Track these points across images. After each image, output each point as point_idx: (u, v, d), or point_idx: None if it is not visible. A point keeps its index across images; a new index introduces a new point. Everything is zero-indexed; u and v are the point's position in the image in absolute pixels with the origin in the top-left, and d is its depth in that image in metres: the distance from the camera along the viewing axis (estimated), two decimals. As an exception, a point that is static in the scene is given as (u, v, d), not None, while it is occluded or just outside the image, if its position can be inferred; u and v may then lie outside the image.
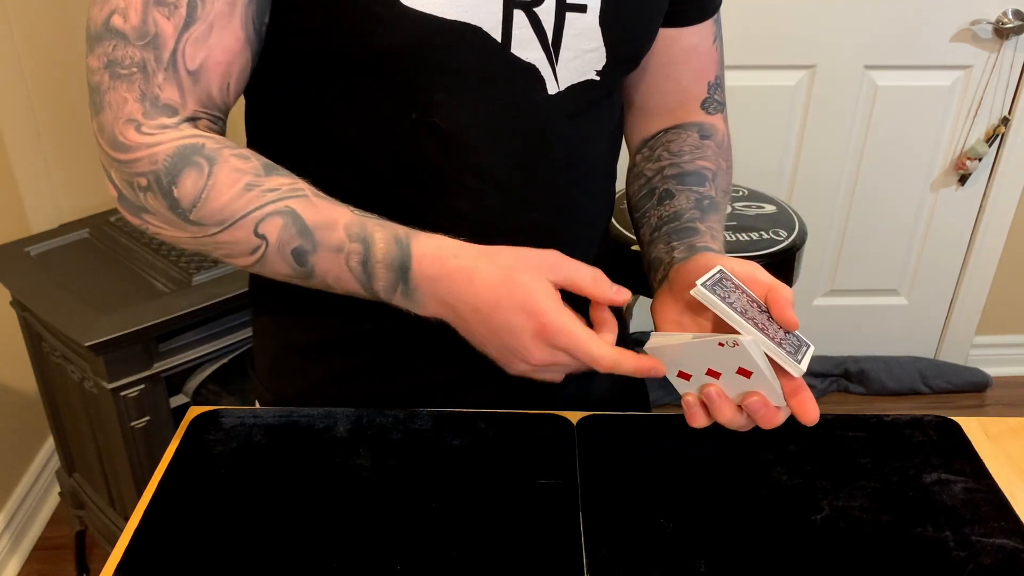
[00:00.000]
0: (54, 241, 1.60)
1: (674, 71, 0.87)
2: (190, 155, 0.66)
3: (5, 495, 1.82)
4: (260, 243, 0.67)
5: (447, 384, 0.83)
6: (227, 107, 0.72)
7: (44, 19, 1.77)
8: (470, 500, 0.71)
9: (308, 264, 0.68)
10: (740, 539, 0.68)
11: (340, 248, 0.67)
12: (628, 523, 0.70)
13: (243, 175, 0.67)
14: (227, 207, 0.66)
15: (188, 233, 0.68)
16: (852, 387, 2.40)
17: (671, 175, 0.85)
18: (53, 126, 1.86)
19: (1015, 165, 2.19)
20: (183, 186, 0.66)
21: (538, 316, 0.65)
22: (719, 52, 0.89)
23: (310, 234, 0.67)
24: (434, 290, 0.67)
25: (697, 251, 0.75)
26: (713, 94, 0.90)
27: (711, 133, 0.88)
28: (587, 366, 0.66)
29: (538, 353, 0.66)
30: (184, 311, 1.41)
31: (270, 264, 0.68)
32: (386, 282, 0.68)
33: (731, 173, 0.90)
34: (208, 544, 0.67)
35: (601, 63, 0.76)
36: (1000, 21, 2.00)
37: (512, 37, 0.71)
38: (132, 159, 0.66)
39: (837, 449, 0.78)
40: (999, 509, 0.72)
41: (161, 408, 1.46)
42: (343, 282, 0.69)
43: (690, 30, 0.85)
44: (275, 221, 0.66)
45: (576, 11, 0.72)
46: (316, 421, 0.79)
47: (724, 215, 0.84)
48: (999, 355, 2.46)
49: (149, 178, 0.66)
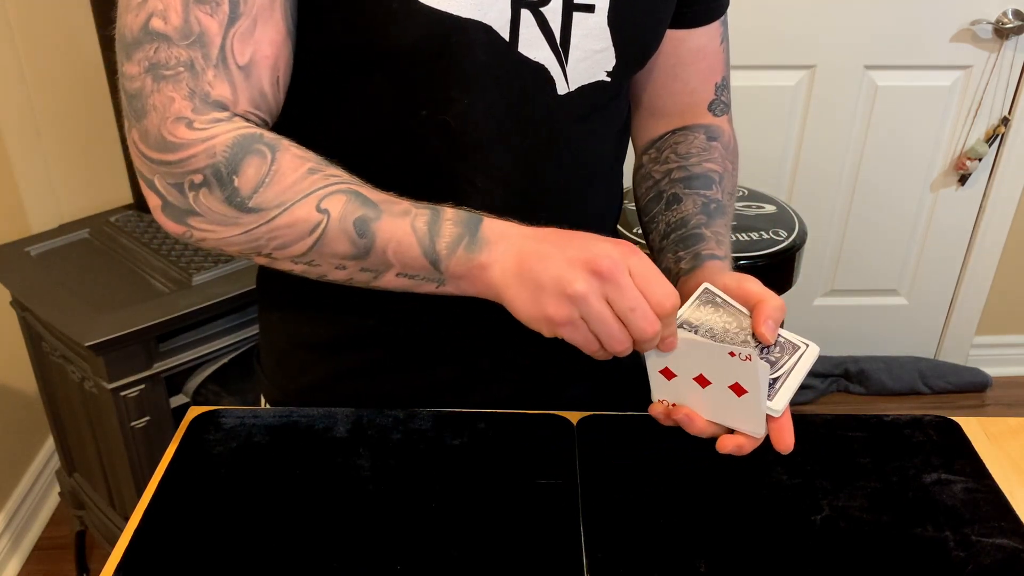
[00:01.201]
0: (54, 241, 1.60)
1: (682, 72, 0.87)
2: (251, 144, 0.65)
3: (5, 495, 1.82)
4: (321, 219, 0.65)
5: (451, 383, 0.84)
6: (277, 106, 0.70)
7: (44, 19, 1.77)
8: (470, 500, 0.71)
9: (370, 232, 0.65)
10: (740, 539, 0.68)
11: (407, 212, 0.66)
12: (628, 523, 0.70)
13: (306, 161, 0.66)
14: (290, 188, 0.65)
15: (241, 227, 0.65)
16: (852, 387, 2.40)
17: (678, 178, 0.85)
18: (53, 126, 1.86)
19: (1015, 165, 2.19)
20: (245, 174, 0.64)
21: (612, 239, 0.65)
22: (726, 54, 0.89)
23: (374, 205, 0.66)
24: (505, 232, 0.66)
25: (703, 260, 0.75)
26: (720, 95, 0.89)
27: (718, 135, 0.88)
28: (624, 332, 0.64)
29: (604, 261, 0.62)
30: (184, 311, 1.41)
31: (328, 242, 0.66)
32: (451, 237, 0.66)
33: (737, 175, 0.90)
34: (208, 544, 0.67)
35: (611, 64, 0.75)
36: (1000, 21, 2.00)
37: (519, 36, 0.71)
38: (185, 157, 0.64)
39: (837, 449, 0.78)
40: (999, 509, 0.72)
41: (161, 408, 1.46)
42: (403, 248, 0.66)
43: (698, 31, 0.85)
44: (339, 197, 0.65)
45: (583, 11, 0.72)
46: (316, 421, 0.79)
47: (731, 217, 0.85)
48: (999, 355, 2.46)
49: (206, 172, 0.64)
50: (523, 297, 0.65)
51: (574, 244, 0.64)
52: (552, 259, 0.64)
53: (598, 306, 0.62)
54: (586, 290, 0.62)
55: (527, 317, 0.65)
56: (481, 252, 0.66)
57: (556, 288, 0.63)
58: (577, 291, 0.62)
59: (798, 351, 0.66)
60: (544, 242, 0.65)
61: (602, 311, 0.62)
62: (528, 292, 0.64)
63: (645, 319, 0.62)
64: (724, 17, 0.88)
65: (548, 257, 0.64)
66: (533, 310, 0.64)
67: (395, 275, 0.68)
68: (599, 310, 0.62)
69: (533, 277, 0.64)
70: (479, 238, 0.66)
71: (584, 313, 0.63)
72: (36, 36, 1.77)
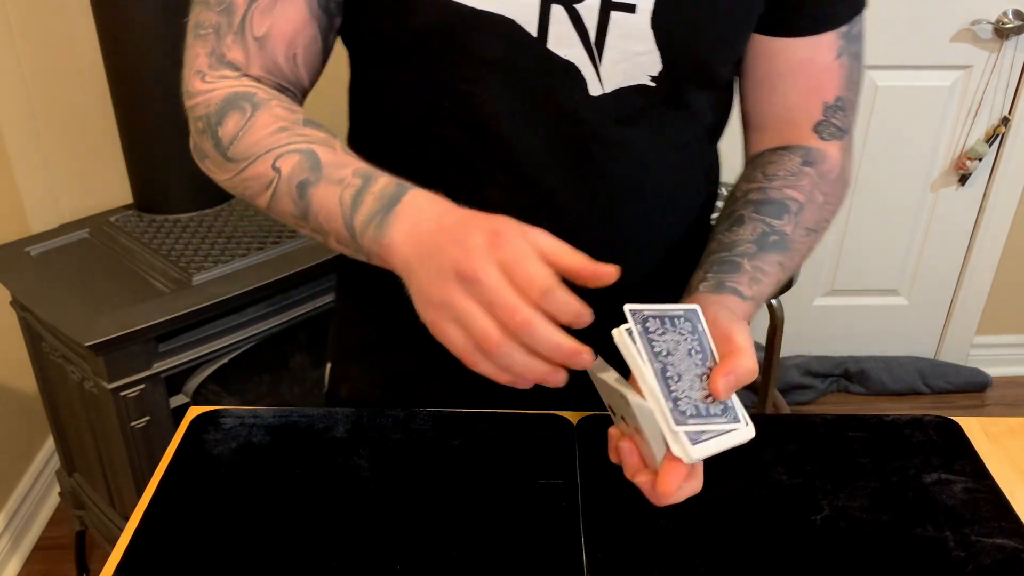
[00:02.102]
0: (54, 241, 1.60)
1: (780, 85, 0.80)
2: (238, 100, 0.70)
3: (5, 495, 1.81)
4: (274, 176, 0.67)
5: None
6: (298, 80, 0.75)
7: (44, 20, 1.77)
8: (470, 500, 0.71)
9: (306, 197, 0.66)
10: (740, 539, 0.68)
11: (341, 181, 0.65)
12: (628, 523, 0.70)
13: (280, 120, 0.69)
14: (256, 144, 0.68)
15: (227, 172, 0.71)
16: (852, 387, 2.40)
17: (753, 200, 0.78)
18: (53, 126, 1.86)
19: (1015, 165, 2.18)
20: (226, 126, 0.69)
21: (497, 227, 0.58)
22: (846, 70, 0.79)
23: (320, 169, 0.66)
24: (411, 218, 0.62)
25: (723, 290, 0.70)
26: (831, 117, 0.80)
27: (817, 160, 0.80)
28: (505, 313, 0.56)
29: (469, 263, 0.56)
30: (184, 311, 1.40)
31: (278, 201, 0.68)
32: (368, 213, 0.63)
33: (831, 208, 0.81)
34: (208, 544, 0.67)
35: (656, 68, 0.71)
36: (1000, 21, 2.00)
37: (548, 32, 0.69)
38: (193, 104, 0.72)
39: (837, 449, 0.78)
40: (999, 509, 0.72)
41: (161, 408, 1.46)
42: (330, 217, 0.65)
43: (800, 42, 0.77)
44: (293, 157, 0.67)
45: (623, 10, 0.69)
46: (316, 421, 0.79)
47: (797, 254, 0.77)
48: (999, 355, 2.46)
49: (203, 121, 0.71)
50: (414, 290, 0.60)
51: (455, 239, 0.58)
52: (433, 258, 0.59)
53: (462, 305, 0.57)
54: (449, 296, 0.57)
55: (419, 309, 0.60)
56: (387, 232, 0.62)
57: (427, 294, 0.59)
58: (442, 298, 0.58)
59: (736, 424, 0.59)
60: (440, 232, 0.59)
61: (466, 310, 0.57)
62: (415, 287, 0.60)
63: (507, 311, 0.55)
64: (846, 29, 0.77)
65: (432, 254, 0.59)
66: (419, 306, 0.60)
67: (334, 241, 0.67)
68: (463, 309, 0.57)
69: (420, 274, 0.60)
70: (390, 217, 0.62)
71: (453, 316, 0.58)
72: (36, 36, 1.77)
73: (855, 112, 0.82)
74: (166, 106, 1.54)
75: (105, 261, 1.55)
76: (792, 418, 0.83)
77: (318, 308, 1.60)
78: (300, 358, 1.68)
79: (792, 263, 0.77)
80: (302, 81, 0.75)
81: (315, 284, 1.59)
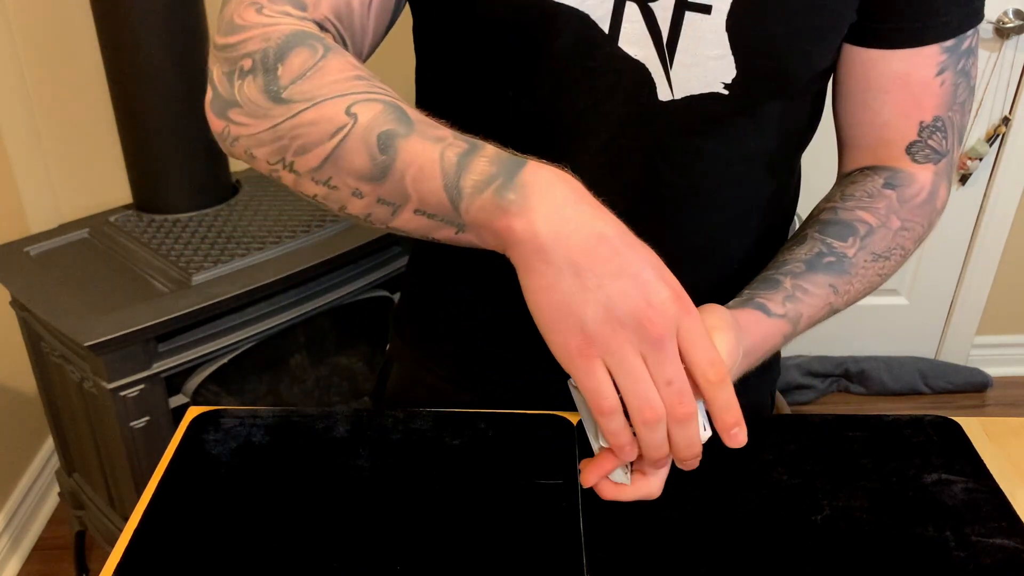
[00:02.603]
0: (54, 241, 1.60)
1: (873, 101, 0.74)
2: (308, 38, 0.59)
3: (5, 495, 1.81)
4: (347, 122, 0.56)
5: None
6: (363, 35, 0.66)
7: (44, 20, 1.77)
8: (470, 500, 0.71)
9: (392, 149, 0.55)
10: (740, 539, 0.68)
11: (441, 139, 0.55)
12: (628, 523, 0.70)
13: (357, 69, 0.59)
14: (327, 86, 0.57)
15: (270, 119, 0.58)
16: (852, 387, 2.40)
17: (822, 220, 0.74)
18: (53, 126, 1.86)
19: (1015, 165, 2.18)
20: (290, 63, 0.58)
21: (673, 284, 0.52)
22: (949, 88, 0.72)
23: (410, 123, 0.56)
24: (552, 188, 0.53)
25: (749, 305, 0.66)
26: (927, 138, 0.74)
27: (902, 184, 0.75)
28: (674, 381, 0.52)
29: (657, 325, 0.50)
30: (184, 311, 1.40)
31: (347, 153, 0.56)
32: (482, 175, 0.53)
33: (909, 235, 0.75)
34: (208, 544, 0.67)
35: (730, 75, 0.67)
36: (1000, 21, 2.00)
37: (621, 30, 0.66)
38: (242, 39, 0.60)
39: (837, 449, 0.77)
40: (999, 509, 0.71)
41: (161, 408, 1.46)
42: (424, 176, 0.54)
43: (898, 55, 0.71)
44: (374, 106, 0.56)
45: (698, 11, 0.65)
46: (315, 422, 0.79)
47: (856, 279, 0.72)
48: (999, 355, 2.46)
49: (255, 57, 0.59)
50: (552, 286, 0.51)
51: (632, 273, 0.51)
52: (596, 277, 0.51)
53: (632, 360, 0.51)
54: (619, 344, 0.51)
55: (545, 317, 0.52)
56: (512, 199, 0.52)
57: (580, 317, 0.51)
58: (608, 340, 0.51)
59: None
60: (604, 243, 0.51)
61: (635, 367, 0.51)
62: (562, 285, 0.51)
63: (679, 395, 0.52)
64: (953, 44, 0.71)
65: (596, 272, 0.51)
66: (556, 322, 0.52)
67: (412, 211, 0.56)
68: (632, 364, 0.51)
69: (569, 286, 0.51)
70: (515, 183, 0.52)
71: (615, 366, 0.51)
72: (36, 36, 1.77)
73: (957, 135, 0.76)
74: (166, 106, 1.54)
75: (105, 261, 1.55)
76: (792, 418, 0.83)
77: (319, 308, 1.60)
78: (300, 358, 1.68)
79: (852, 288, 0.72)
80: (366, 36, 0.67)
81: (315, 284, 1.59)
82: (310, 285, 1.58)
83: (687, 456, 0.55)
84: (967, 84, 0.74)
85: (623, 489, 0.62)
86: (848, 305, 0.74)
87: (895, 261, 0.75)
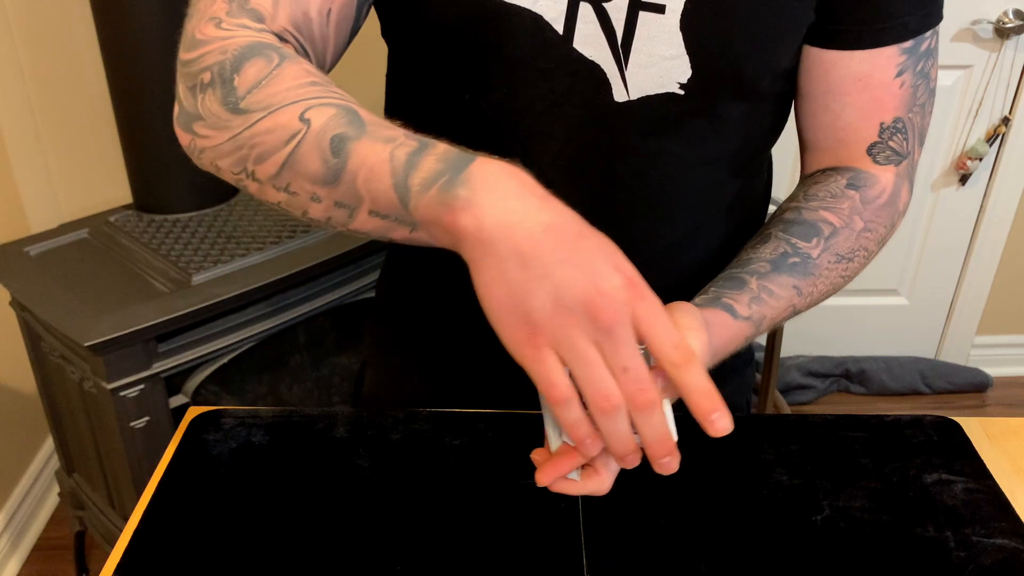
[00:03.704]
0: (54, 241, 1.60)
1: (833, 103, 0.74)
2: (264, 49, 0.60)
3: (5, 495, 1.81)
4: (301, 128, 0.56)
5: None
6: (324, 44, 0.66)
7: (44, 21, 1.77)
8: (470, 500, 0.71)
9: (344, 152, 0.55)
10: (740, 539, 0.68)
11: (391, 139, 0.55)
12: (628, 523, 0.70)
13: (312, 76, 0.59)
14: (281, 93, 0.58)
15: (230, 131, 0.59)
16: (852, 387, 2.40)
17: (785, 220, 0.74)
18: (53, 126, 1.86)
19: (1016, 165, 2.18)
20: (246, 73, 0.59)
21: (626, 270, 0.51)
22: (908, 89, 0.72)
23: (362, 125, 0.56)
24: (492, 187, 0.51)
25: (716, 305, 0.65)
26: (887, 139, 0.74)
27: (865, 184, 0.74)
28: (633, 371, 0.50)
29: (608, 311, 0.49)
30: (184, 311, 1.40)
31: (301, 157, 0.56)
32: (430, 172, 0.53)
33: (871, 236, 0.75)
34: (208, 545, 0.67)
35: (685, 75, 0.67)
36: (1000, 21, 2.00)
37: (575, 31, 0.66)
38: (201, 54, 0.61)
39: (837, 449, 0.77)
40: (999, 509, 0.71)
41: (161, 408, 1.46)
42: (375, 177, 0.54)
43: (857, 56, 0.71)
44: (326, 110, 0.57)
45: (651, 11, 0.65)
46: (315, 421, 0.79)
47: (820, 280, 0.72)
48: (999, 355, 2.46)
49: (213, 71, 0.60)
50: (499, 279, 0.50)
51: (580, 262, 0.50)
52: (543, 268, 0.49)
53: (583, 347, 0.49)
54: (569, 333, 0.49)
55: (493, 309, 0.51)
56: (458, 195, 0.51)
57: (527, 309, 0.50)
58: (557, 330, 0.49)
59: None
60: (548, 233, 0.50)
61: (587, 353, 0.49)
62: (504, 287, 0.50)
63: (637, 382, 0.49)
64: (913, 45, 0.71)
65: (544, 262, 0.50)
66: (505, 314, 0.50)
67: (367, 212, 0.56)
68: (583, 351, 0.49)
69: (518, 278, 0.50)
70: (462, 179, 0.52)
71: (564, 352, 0.50)
72: (36, 36, 1.77)
73: (919, 136, 0.76)
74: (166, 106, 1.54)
75: (105, 261, 1.55)
76: (792, 418, 0.83)
77: (319, 308, 1.60)
78: (300, 358, 1.68)
79: (816, 289, 0.72)
80: (327, 49, 0.67)
81: (315, 284, 1.59)
82: (310, 285, 1.58)
83: (659, 452, 0.52)
84: (927, 86, 0.74)
85: (571, 484, 0.59)
86: (810, 307, 0.73)
87: (858, 263, 0.75)
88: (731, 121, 0.72)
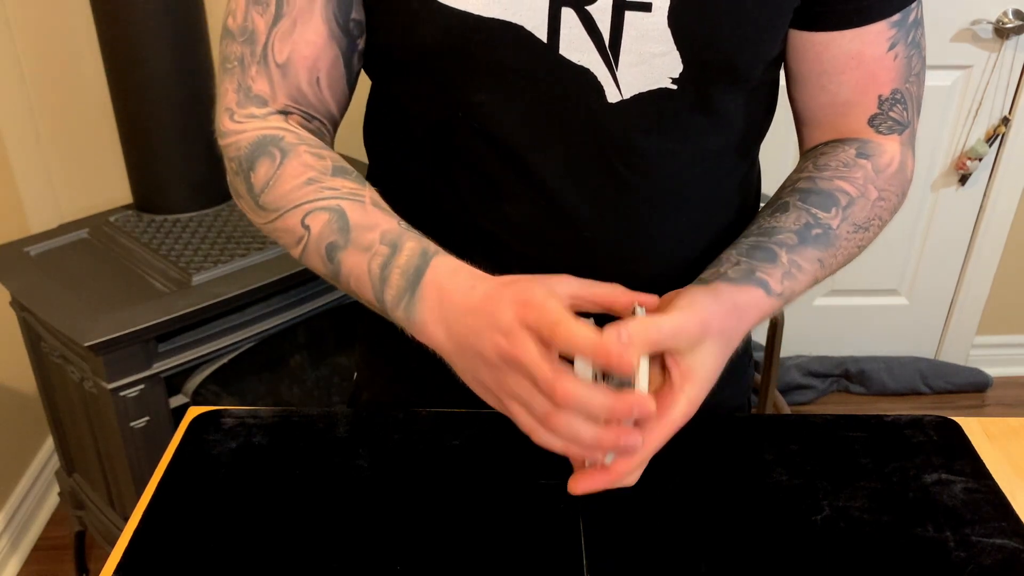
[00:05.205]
0: (54, 241, 1.60)
1: (829, 82, 0.75)
2: (267, 145, 0.69)
3: (5, 495, 1.81)
4: (303, 234, 0.67)
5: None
6: (325, 107, 0.73)
7: (44, 21, 1.77)
8: (470, 500, 0.71)
9: (336, 260, 0.66)
10: (740, 539, 0.68)
11: (369, 248, 0.64)
12: (628, 523, 0.70)
13: (310, 170, 0.68)
14: (286, 196, 0.67)
15: (260, 219, 0.70)
16: (852, 387, 2.40)
17: (800, 188, 0.74)
18: (53, 127, 1.86)
19: (1015, 165, 2.18)
20: (258, 173, 0.69)
21: (524, 301, 0.58)
22: (902, 61, 0.73)
23: (348, 232, 0.65)
24: (436, 298, 0.62)
25: (751, 281, 0.67)
26: (887, 110, 0.75)
27: (873, 153, 0.75)
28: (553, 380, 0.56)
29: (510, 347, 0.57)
30: (184, 311, 1.40)
31: (309, 258, 0.68)
32: (396, 290, 0.63)
33: (886, 205, 0.76)
34: (208, 545, 0.67)
35: (677, 70, 0.68)
36: (1000, 21, 2.00)
37: (560, 37, 0.66)
38: (226, 145, 0.72)
39: (837, 449, 0.77)
40: (999, 509, 0.71)
41: (161, 408, 1.46)
42: (361, 287, 0.65)
43: (847, 35, 0.72)
44: (321, 216, 0.66)
45: (638, 9, 0.65)
46: (316, 421, 0.79)
47: (839, 251, 0.73)
48: (999, 355, 2.46)
49: (234, 164, 0.71)
50: (462, 375, 0.63)
51: (488, 322, 0.59)
52: (471, 346, 0.60)
53: (519, 388, 0.58)
54: (502, 380, 0.59)
55: (474, 390, 0.63)
56: (416, 314, 0.63)
57: (479, 380, 0.61)
58: (498, 385, 0.60)
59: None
60: (469, 315, 0.60)
61: (520, 390, 0.58)
62: (462, 372, 0.62)
63: (545, 384, 0.56)
64: (899, 18, 0.72)
65: (470, 342, 0.60)
66: (476, 389, 0.63)
67: (366, 302, 0.67)
68: (519, 392, 0.58)
69: (465, 362, 0.62)
70: (416, 296, 0.63)
71: (514, 398, 0.59)
72: (36, 36, 1.77)
73: (916, 105, 0.77)
74: (166, 106, 1.54)
75: (105, 261, 1.55)
76: (792, 418, 0.83)
77: (318, 308, 1.60)
78: (300, 358, 1.68)
79: (835, 261, 0.73)
80: (329, 108, 0.73)
81: (315, 284, 1.59)
82: (310, 285, 1.58)
83: (625, 411, 0.56)
84: (919, 55, 0.75)
85: (601, 476, 0.62)
86: (827, 277, 0.75)
87: (873, 232, 0.76)
88: (726, 113, 0.73)
